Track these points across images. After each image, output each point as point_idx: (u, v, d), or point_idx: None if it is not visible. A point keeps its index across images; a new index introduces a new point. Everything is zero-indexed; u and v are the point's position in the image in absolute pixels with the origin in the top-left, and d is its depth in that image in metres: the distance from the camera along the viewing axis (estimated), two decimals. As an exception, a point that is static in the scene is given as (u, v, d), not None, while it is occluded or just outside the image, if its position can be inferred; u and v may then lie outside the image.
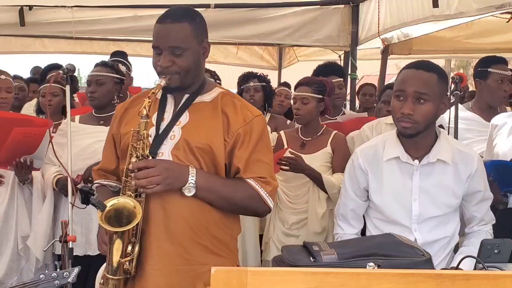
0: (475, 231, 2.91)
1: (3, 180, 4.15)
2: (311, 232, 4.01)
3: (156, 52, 2.57)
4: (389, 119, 3.80)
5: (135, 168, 2.43)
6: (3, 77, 4.35)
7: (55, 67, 5.51)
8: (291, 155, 3.95)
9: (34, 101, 5.82)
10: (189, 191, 2.47)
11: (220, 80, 5.29)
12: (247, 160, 2.54)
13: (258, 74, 5.40)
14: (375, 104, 5.73)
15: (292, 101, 4.19)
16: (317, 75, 5.18)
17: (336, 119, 5.02)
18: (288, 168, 3.95)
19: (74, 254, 3.74)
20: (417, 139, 2.76)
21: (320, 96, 4.10)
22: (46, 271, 2.35)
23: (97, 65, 4.21)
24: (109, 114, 4.13)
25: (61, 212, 4.16)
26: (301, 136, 4.18)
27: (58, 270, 2.39)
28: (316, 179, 4.00)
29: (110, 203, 2.44)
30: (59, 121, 4.50)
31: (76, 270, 2.34)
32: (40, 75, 6.17)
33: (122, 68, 4.65)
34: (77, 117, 4.22)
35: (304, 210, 4.09)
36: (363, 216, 3.01)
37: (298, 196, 4.12)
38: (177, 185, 2.47)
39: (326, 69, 5.35)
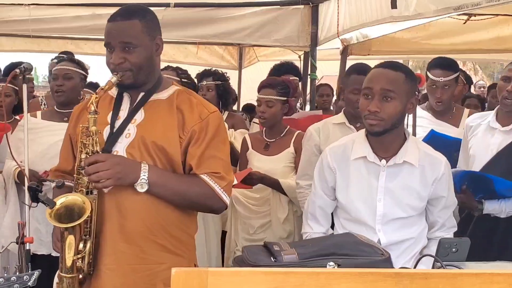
0: (436, 237, 2.91)
1: None
2: (277, 237, 4.00)
3: (108, 50, 2.58)
4: (335, 118, 3.80)
5: (85, 164, 2.42)
6: None
7: (16, 66, 5.43)
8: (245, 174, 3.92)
9: None
10: (142, 187, 2.46)
11: (191, 80, 5.22)
12: (200, 157, 2.55)
13: (214, 72, 5.34)
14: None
15: (257, 103, 4.16)
16: (273, 75, 5.20)
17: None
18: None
19: (40, 253, 3.71)
20: (385, 139, 2.78)
21: (285, 98, 4.12)
22: (5, 274, 2.32)
23: (62, 59, 4.15)
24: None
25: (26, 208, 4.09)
26: (265, 138, 4.18)
27: (17, 273, 2.36)
28: (275, 185, 4.00)
29: (60, 200, 2.43)
30: (10, 120, 4.43)
31: (36, 273, 2.31)
32: (2, 75, 6.06)
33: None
34: (38, 113, 4.14)
35: (267, 213, 4.09)
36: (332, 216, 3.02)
37: (259, 199, 4.12)
38: (129, 181, 2.46)
39: (282, 68, 5.38)
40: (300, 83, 5.93)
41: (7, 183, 4.08)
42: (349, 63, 7.64)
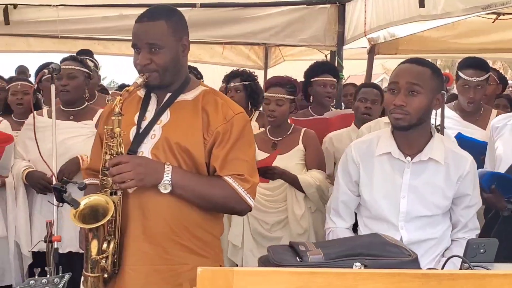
0: (458, 238, 2.90)
1: None
2: (294, 234, 3.99)
3: (135, 51, 2.59)
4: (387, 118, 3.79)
5: (109, 165, 2.43)
6: None
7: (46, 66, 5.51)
8: (267, 167, 3.89)
9: None
10: (165, 188, 2.47)
11: (202, 77, 5.22)
12: (224, 158, 2.54)
13: (241, 72, 5.28)
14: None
15: (265, 102, 4.13)
16: (309, 74, 5.17)
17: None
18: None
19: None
20: (410, 135, 2.76)
21: (293, 97, 4.11)
22: (36, 276, 2.33)
23: (66, 59, 4.19)
24: (79, 108, 4.13)
25: (38, 208, 4.13)
26: (270, 137, 4.15)
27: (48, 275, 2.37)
28: (293, 181, 3.98)
29: (84, 201, 2.45)
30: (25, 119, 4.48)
31: (67, 276, 2.32)
32: (35, 75, 6.13)
33: (90, 63, 4.67)
34: (44, 111, 4.18)
35: (283, 209, 4.08)
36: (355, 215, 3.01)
37: (275, 195, 4.10)
38: (151, 181, 2.46)
39: (319, 68, 5.32)
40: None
41: (17, 184, 4.11)
42: (376, 62, 7.63)
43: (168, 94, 2.65)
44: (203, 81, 2.85)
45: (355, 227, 3.04)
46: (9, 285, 4.32)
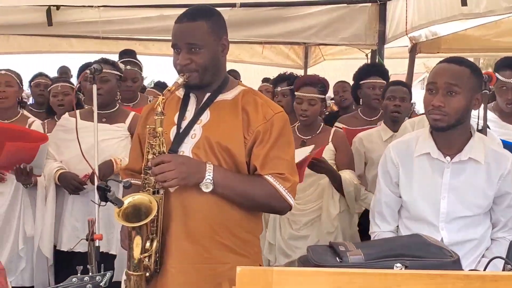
0: (498, 237, 2.86)
1: (5, 177, 4.19)
2: (323, 233, 3.99)
3: (175, 51, 2.61)
4: None
5: (152, 164, 2.45)
6: (2, 72, 4.37)
7: (88, 66, 5.60)
8: (319, 158, 3.87)
9: None
10: (207, 187, 2.48)
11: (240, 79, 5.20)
12: (265, 157, 2.54)
13: (288, 76, 5.13)
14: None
15: (296, 101, 4.11)
16: (359, 76, 5.15)
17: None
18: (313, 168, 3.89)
19: (77, 250, 3.82)
20: (450, 135, 2.73)
21: (324, 96, 4.12)
22: (79, 274, 2.36)
23: (97, 61, 4.22)
24: (112, 111, 4.18)
25: (69, 209, 4.17)
26: (299, 135, 4.13)
27: (90, 273, 2.39)
28: (335, 179, 3.97)
29: (127, 200, 2.47)
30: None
31: (109, 274, 2.35)
32: (77, 75, 6.23)
33: (135, 66, 4.80)
34: (77, 112, 4.22)
35: (313, 210, 4.06)
36: None
37: (306, 195, 4.08)
38: (193, 180, 2.48)
39: (368, 70, 5.29)
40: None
41: (48, 184, 4.15)
42: (418, 61, 7.55)
43: (208, 94, 2.66)
44: (241, 82, 2.85)
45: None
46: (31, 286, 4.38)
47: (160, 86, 7.23)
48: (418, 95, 7.00)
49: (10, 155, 3.88)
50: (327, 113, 6.51)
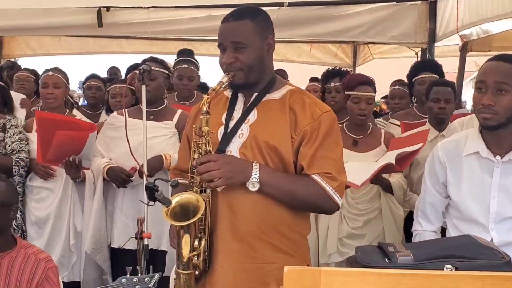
0: None
1: (55, 173, 4.27)
2: (377, 232, 4.01)
3: (221, 50, 2.62)
4: None
5: (197, 163, 2.46)
6: (50, 73, 4.45)
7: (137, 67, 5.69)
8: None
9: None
10: (253, 186, 2.48)
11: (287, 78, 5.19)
12: (312, 157, 2.53)
13: (340, 71, 5.06)
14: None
15: (353, 100, 4.06)
16: (413, 73, 5.17)
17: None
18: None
19: (127, 247, 3.85)
20: (500, 134, 2.67)
21: (375, 95, 4.12)
22: (128, 275, 2.39)
23: (146, 60, 4.26)
24: (159, 108, 4.22)
25: (120, 206, 4.23)
26: (349, 133, 4.10)
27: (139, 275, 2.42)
28: (387, 186, 3.97)
29: (175, 199, 2.49)
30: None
31: (157, 276, 2.37)
32: (125, 75, 6.34)
33: (192, 65, 4.93)
34: (125, 111, 4.27)
35: (372, 209, 4.03)
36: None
37: (363, 196, 4.05)
38: (240, 180, 2.48)
39: (419, 67, 5.26)
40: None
41: (96, 179, 4.23)
42: (469, 59, 7.43)
43: (255, 94, 2.67)
44: (289, 81, 2.84)
45: (443, 231, 2.97)
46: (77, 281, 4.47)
47: (201, 87, 7.27)
48: (469, 94, 6.88)
49: (61, 144, 3.95)
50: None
